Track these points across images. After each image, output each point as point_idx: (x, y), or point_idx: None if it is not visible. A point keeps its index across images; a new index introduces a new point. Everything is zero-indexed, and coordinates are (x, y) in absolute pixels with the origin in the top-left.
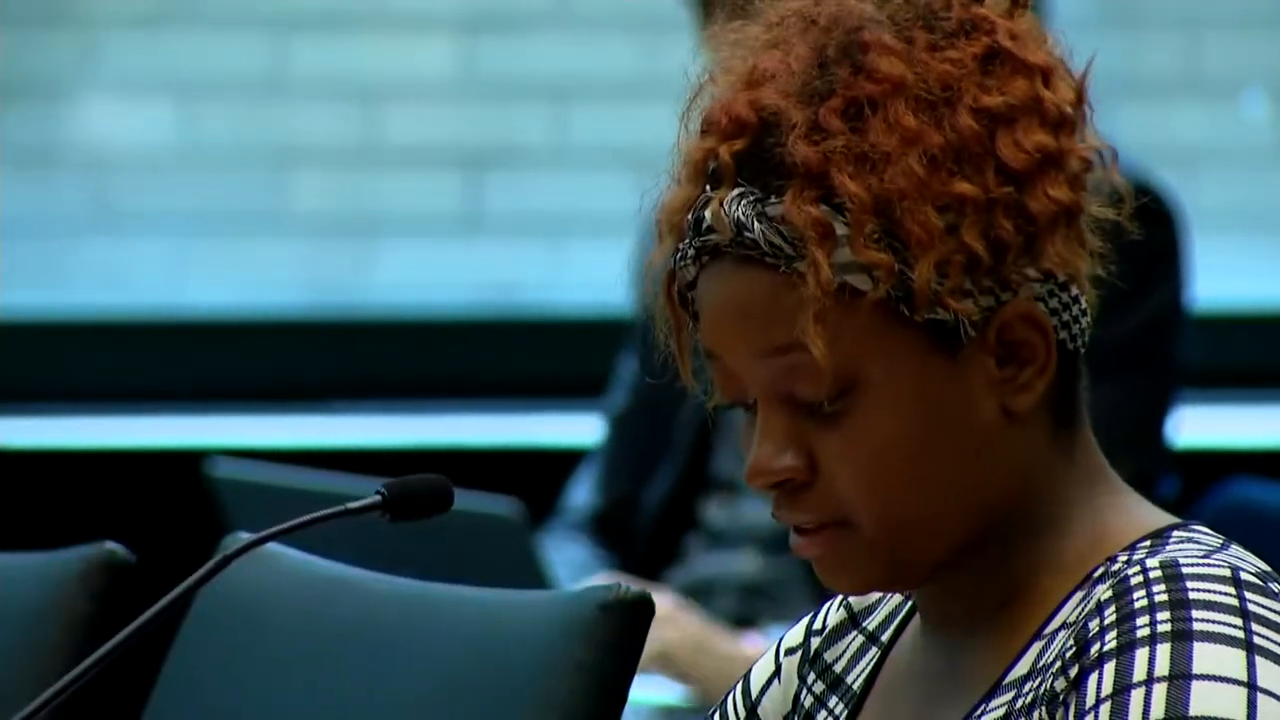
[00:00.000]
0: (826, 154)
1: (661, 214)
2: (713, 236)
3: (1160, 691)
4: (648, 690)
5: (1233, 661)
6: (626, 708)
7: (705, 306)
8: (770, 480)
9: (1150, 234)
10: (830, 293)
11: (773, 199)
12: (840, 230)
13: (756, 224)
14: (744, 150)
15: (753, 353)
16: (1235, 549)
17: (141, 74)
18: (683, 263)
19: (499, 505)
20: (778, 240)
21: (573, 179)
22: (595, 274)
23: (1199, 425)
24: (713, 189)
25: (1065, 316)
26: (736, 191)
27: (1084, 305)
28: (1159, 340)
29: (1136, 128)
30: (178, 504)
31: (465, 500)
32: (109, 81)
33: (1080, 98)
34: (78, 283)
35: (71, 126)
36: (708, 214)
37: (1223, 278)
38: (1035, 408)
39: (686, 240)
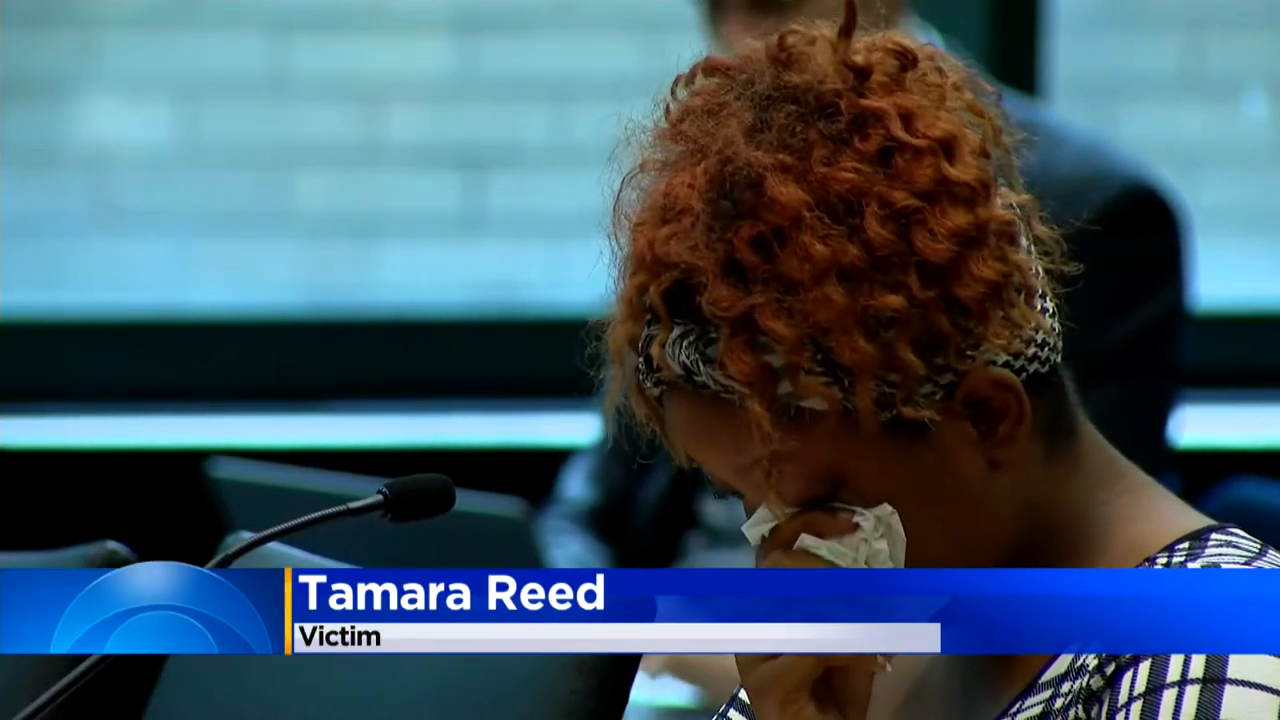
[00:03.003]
0: (747, 294)
1: (612, 348)
2: (664, 374)
3: (1193, 693)
4: (651, 691)
5: (1268, 669)
6: (627, 708)
7: (673, 426)
8: None
9: (1152, 237)
10: (774, 443)
11: (712, 334)
12: (778, 363)
13: (702, 367)
14: (671, 288)
15: (726, 471)
16: (1273, 554)
17: (142, 74)
18: (643, 390)
19: (503, 505)
20: (726, 380)
21: (573, 179)
22: (596, 274)
23: (1199, 425)
24: (652, 325)
25: (1029, 352)
26: (677, 332)
27: (1048, 324)
28: (1161, 344)
29: (1136, 128)
30: (178, 504)
31: (467, 500)
32: (110, 81)
33: (984, 150)
34: (78, 283)
35: (72, 126)
36: (654, 355)
37: (1223, 278)
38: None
39: (641, 374)
